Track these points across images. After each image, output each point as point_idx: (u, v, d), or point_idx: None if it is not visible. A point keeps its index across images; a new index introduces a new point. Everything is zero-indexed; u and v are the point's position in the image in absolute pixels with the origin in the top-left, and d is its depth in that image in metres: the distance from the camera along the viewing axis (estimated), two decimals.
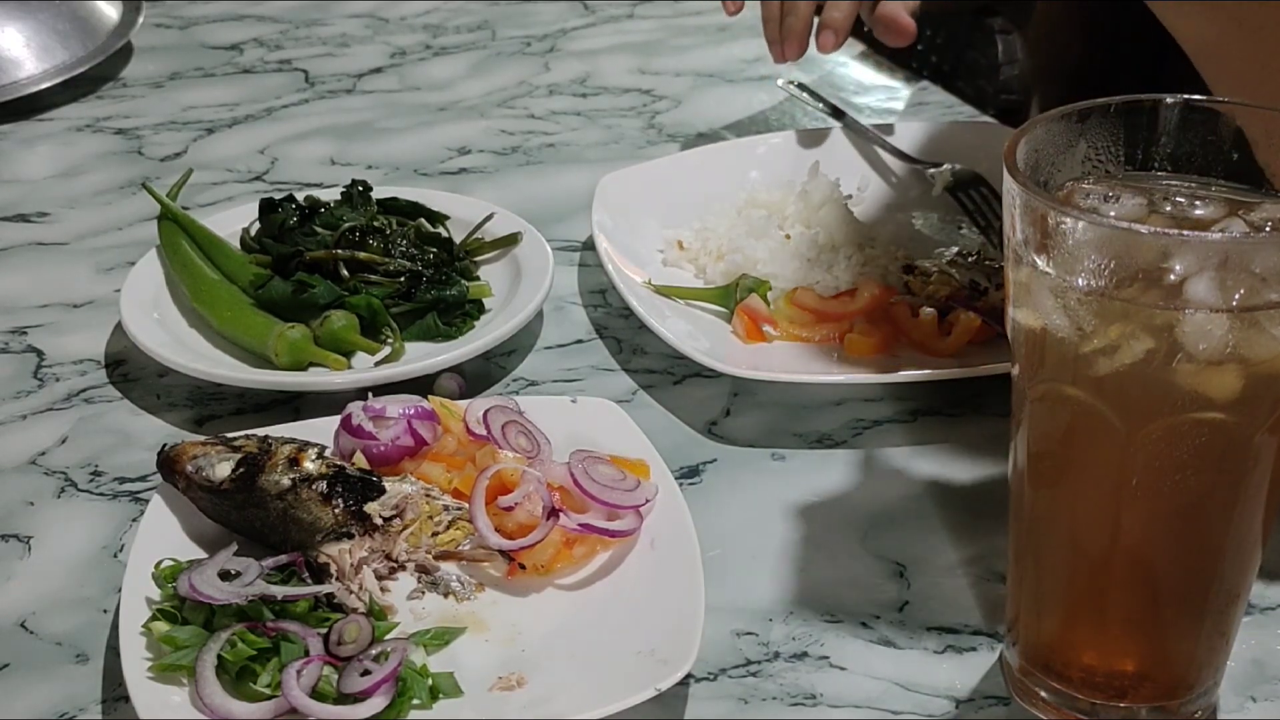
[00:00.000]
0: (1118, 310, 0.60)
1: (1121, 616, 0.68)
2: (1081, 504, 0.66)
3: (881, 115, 1.39)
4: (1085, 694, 0.69)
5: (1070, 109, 0.66)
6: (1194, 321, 0.58)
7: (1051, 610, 0.70)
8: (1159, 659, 0.69)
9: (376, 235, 1.07)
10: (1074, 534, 0.66)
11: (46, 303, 1.10)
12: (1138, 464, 0.63)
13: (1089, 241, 0.60)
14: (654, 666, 0.71)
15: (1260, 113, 0.65)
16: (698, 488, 0.88)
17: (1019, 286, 0.64)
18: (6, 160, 1.33)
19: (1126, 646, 0.69)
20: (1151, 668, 0.69)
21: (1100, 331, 0.60)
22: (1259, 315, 0.59)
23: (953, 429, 0.93)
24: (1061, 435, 0.65)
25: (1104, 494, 0.65)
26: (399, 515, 0.80)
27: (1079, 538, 0.66)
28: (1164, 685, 0.69)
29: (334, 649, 0.72)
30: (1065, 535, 0.67)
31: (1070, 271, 0.61)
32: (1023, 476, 0.68)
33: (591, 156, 1.32)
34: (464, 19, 1.64)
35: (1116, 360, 0.60)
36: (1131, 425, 0.62)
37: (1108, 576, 0.67)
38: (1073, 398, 0.63)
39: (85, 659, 0.76)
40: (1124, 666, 0.70)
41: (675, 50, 1.55)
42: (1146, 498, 0.64)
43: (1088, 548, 0.66)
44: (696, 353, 0.95)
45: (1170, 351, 0.59)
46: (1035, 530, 0.68)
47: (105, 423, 0.96)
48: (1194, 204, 0.65)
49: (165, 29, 1.62)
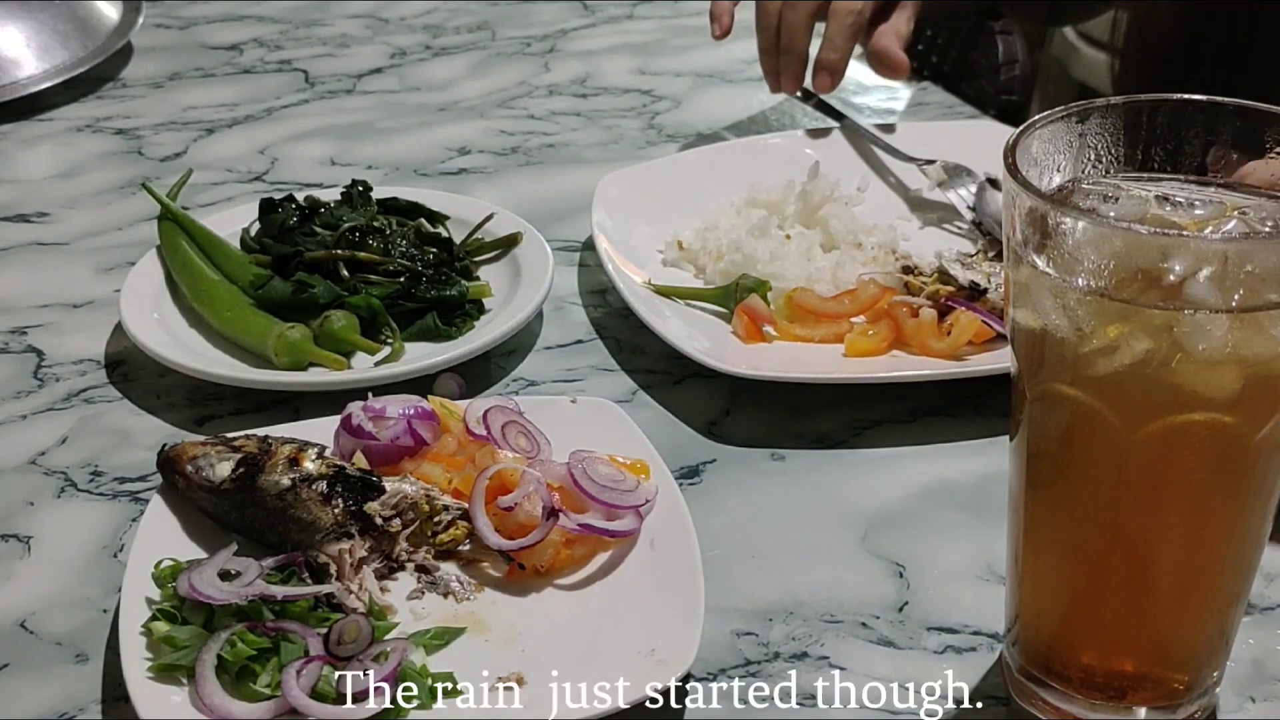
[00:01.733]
0: (1117, 311, 0.60)
1: (1120, 617, 0.68)
2: (1081, 504, 0.66)
3: (881, 115, 1.39)
4: (1085, 694, 0.69)
5: (1070, 109, 0.66)
6: (1193, 322, 0.58)
7: (1051, 610, 0.70)
8: (1158, 659, 0.69)
9: (376, 235, 1.07)
10: (1073, 534, 0.66)
11: (46, 303, 1.10)
12: (1137, 464, 0.63)
13: (1088, 241, 0.60)
14: (654, 666, 0.71)
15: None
16: (697, 488, 0.88)
17: (1019, 287, 0.64)
18: (6, 160, 1.33)
19: (1126, 647, 0.69)
20: (1151, 668, 0.69)
21: (1099, 332, 0.60)
22: (1259, 316, 0.58)
23: (953, 429, 0.93)
24: (1061, 435, 0.65)
25: (1103, 494, 0.65)
26: (399, 515, 0.80)
27: (1078, 538, 0.66)
28: (1164, 686, 0.69)
29: (334, 649, 0.72)
30: (1064, 535, 0.67)
31: (1070, 272, 0.61)
32: (1022, 476, 0.68)
33: (591, 157, 1.32)
34: (464, 19, 1.64)
35: (1116, 360, 0.60)
36: (1130, 425, 0.62)
37: (1107, 577, 0.67)
38: (1072, 398, 0.63)
39: (85, 659, 0.76)
40: (1123, 667, 0.70)
41: (675, 50, 1.55)
42: (1145, 498, 0.64)
43: (1087, 548, 0.66)
44: (696, 353, 0.95)
45: (1169, 352, 0.59)
46: (1035, 530, 0.68)
47: (105, 423, 0.96)
48: (1193, 204, 0.65)
49: (165, 29, 1.62)
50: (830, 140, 1.25)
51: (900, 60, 1.24)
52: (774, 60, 1.26)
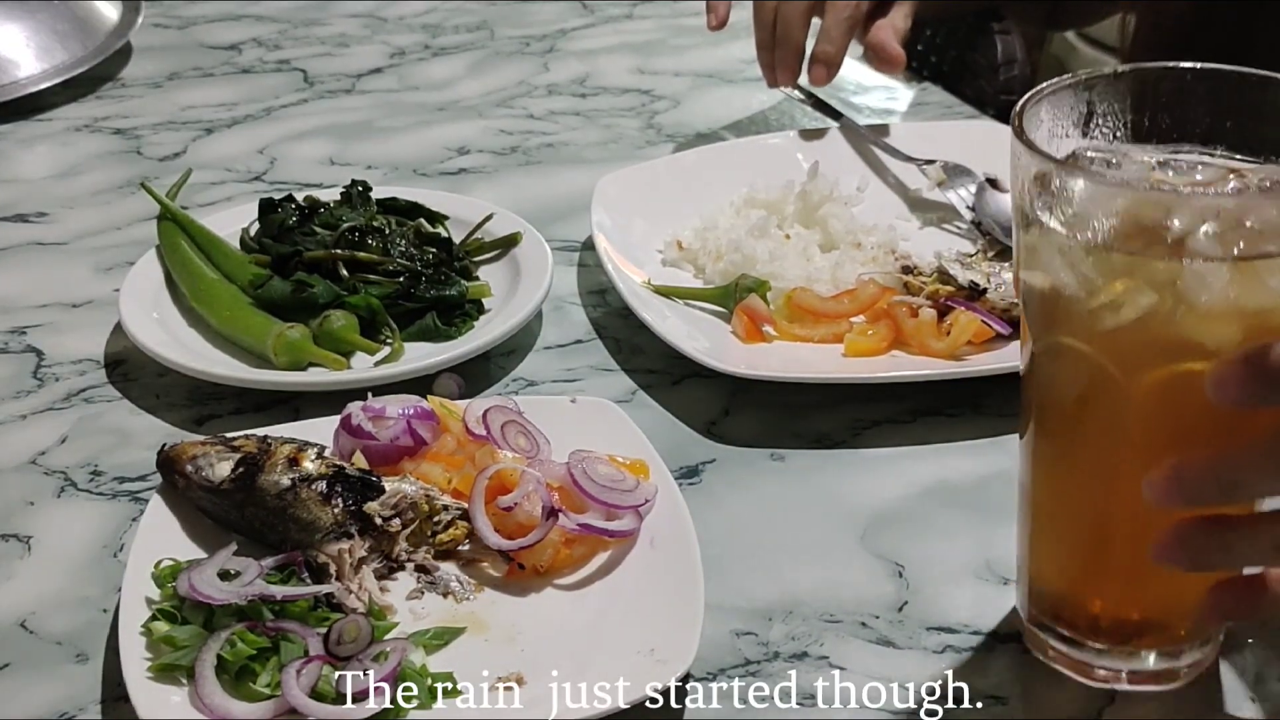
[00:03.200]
0: (1122, 265, 0.61)
1: (1125, 566, 0.69)
2: (1085, 456, 0.67)
3: (881, 116, 1.39)
4: (1092, 639, 0.70)
5: (1078, 76, 0.67)
6: (1195, 273, 0.60)
7: (1058, 561, 0.71)
8: (1162, 608, 0.70)
9: (376, 235, 1.07)
10: (1078, 486, 0.68)
11: (46, 302, 1.10)
12: (1139, 414, 0.64)
13: (1092, 199, 0.62)
14: (653, 666, 0.71)
15: None
16: (697, 488, 0.88)
17: (1028, 249, 0.65)
18: (6, 160, 1.33)
19: (1130, 595, 0.70)
20: (1156, 615, 0.71)
21: (1106, 288, 0.62)
22: (1258, 266, 0.60)
23: (952, 429, 0.93)
24: (1067, 387, 0.67)
25: (1106, 444, 0.66)
26: (398, 515, 0.80)
27: (1083, 490, 0.68)
28: (1168, 632, 0.70)
29: (333, 649, 0.72)
30: (1071, 487, 0.68)
31: (1075, 229, 0.62)
32: (1030, 429, 0.69)
33: (591, 156, 1.32)
34: (463, 19, 1.64)
35: (1122, 315, 0.62)
36: (1133, 376, 0.63)
37: (1111, 527, 0.68)
38: (1078, 351, 0.64)
39: (85, 659, 0.76)
40: (1129, 615, 0.71)
41: (674, 50, 1.55)
42: (1146, 448, 0.65)
43: (1092, 499, 0.68)
44: (696, 352, 0.95)
45: (1173, 304, 0.60)
46: (1042, 483, 0.70)
47: (105, 422, 0.96)
48: (1196, 169, 0.66)
49: (164, 29, 1.62)
50: (830, 140, 1.25)
51: (896, 54, 1.24)
52: (770, 55, 1.26)
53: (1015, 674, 0.74)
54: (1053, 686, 0.73)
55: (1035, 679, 0.74)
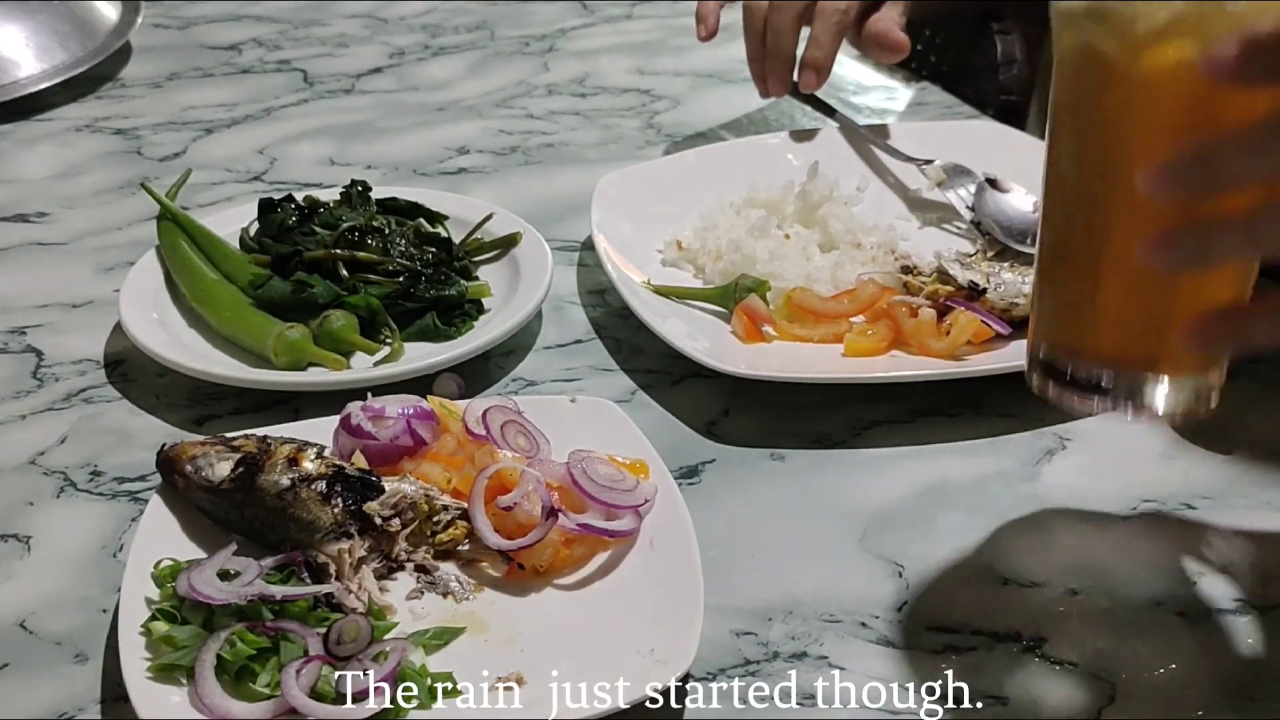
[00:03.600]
0: None
1: (1120, 289, 0.69)
2: (1089, 159, 0.68)
3: (881, 115, 1.39)
4: (1089, 366, 0.71)
5: None
6: None
7: (1061, 291, 0.72)
8: (1156, 336, 0.70)
9: (375, 235, 1.07)
10: (1091, 192, 0.68)
11: (46, 303, 1.10)
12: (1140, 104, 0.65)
13: None
14: (653, 666, 0.71)
15: None
16: (697, 488, 0.88)
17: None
18: (6, 160, 1.33)
19: (1124, 320, 0.71)
20: (1150, 345, 0.71)
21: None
22: None
23: (952, 429, 0.93)
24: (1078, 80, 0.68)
25: (1110, 147, 0.67)
26: (398, 515, 0.80)
27: (1085, 208, 0.69)
28: (1161, 365, 0.70)
29: (333, 649, 0.72)
30: (1086, 196, 0.69)
31: None
32: (1052, 139, 0.70)
33: (590, 157, 1.32)
34: (462, 19, 1.64)
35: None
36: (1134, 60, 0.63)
37: (1108, 245, 0.68)
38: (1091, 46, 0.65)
39: (85, 659, 0.76)
40: (1124, 344, 0.71)
41: (674, 50, 1.55)
42: (1145, 148, 0.65)
43: (1101, 206, 0.68)
44: (696, 352, 0.95)
45: None
46: (1052, 202, 0.71)
47: (104, 422, 0.96)
48: None
49: (164, 29, 1.62)
50: (829, 140, 1.25)
51: (900, 39, 1.23)
52: (761, 66, 1.26)
53: (1015, 674, 0.74)
54: (1053, 686, 0.73)
55: (1035, 679, 0.74)
